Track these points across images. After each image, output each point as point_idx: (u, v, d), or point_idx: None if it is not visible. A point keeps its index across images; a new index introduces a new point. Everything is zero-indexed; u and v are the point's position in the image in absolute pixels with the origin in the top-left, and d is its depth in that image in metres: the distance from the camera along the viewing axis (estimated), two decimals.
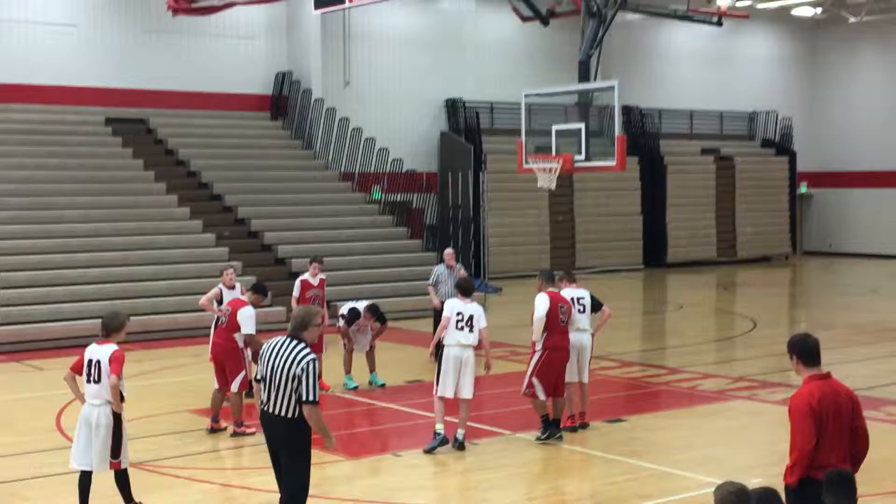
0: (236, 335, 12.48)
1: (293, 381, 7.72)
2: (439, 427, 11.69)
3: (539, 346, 12.00)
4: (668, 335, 22.45)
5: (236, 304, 12.65)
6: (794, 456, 6.64)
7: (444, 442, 11.66)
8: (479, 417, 12.93)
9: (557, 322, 11.98)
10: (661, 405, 14.87)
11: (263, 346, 8.09)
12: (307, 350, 7.84)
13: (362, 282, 23.53)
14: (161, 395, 14.70)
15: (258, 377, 7.99)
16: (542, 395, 12.02)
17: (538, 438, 12.14)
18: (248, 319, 12.43)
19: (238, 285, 14.23)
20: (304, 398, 7.71)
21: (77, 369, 9.34)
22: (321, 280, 15.57)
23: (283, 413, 7.82)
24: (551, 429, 12.09)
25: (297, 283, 15.55)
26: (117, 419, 9.15)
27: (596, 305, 12.78)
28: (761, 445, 12.07)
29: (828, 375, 6.82)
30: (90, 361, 9.17)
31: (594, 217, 34.59)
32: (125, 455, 9.32)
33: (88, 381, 9.17)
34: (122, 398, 9.17)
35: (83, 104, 26.71)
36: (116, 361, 9.06)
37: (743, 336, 20.98)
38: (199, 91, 28.44)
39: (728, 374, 16.61)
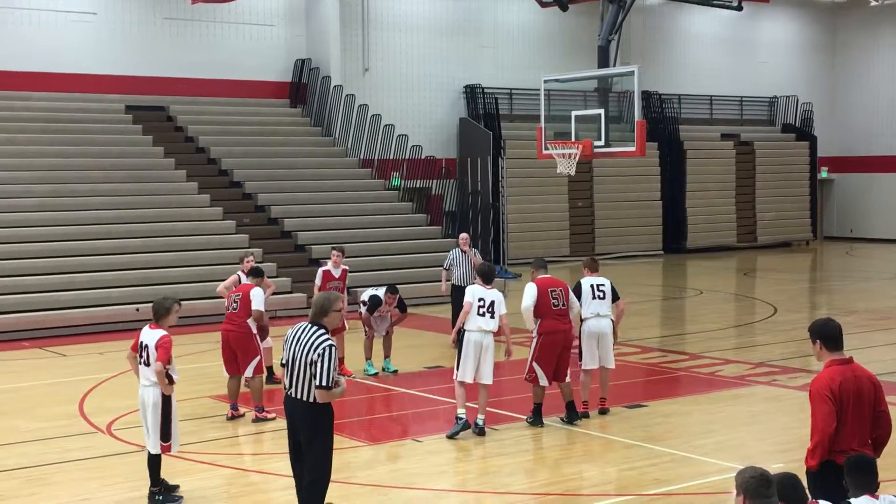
0: (249, 321, 12.58)
1: (311, 365, 7.86)
2: (461, 412, 11.73)
3: (535, 333, 12.11)
4: (687, 321, 22.40)
5: (245, 289, 12.75)
6: (814, 439, 6.64)
7: (466, 426, 11.70)
8: (498, 403, 12.97)
9: (550, 307, 12.04)
10: (682, 390, 14.85)
11: (287, 332, 8.19)
12: (325, 336, 7.97)
13: (382, 268, 23.58)
14: (181, 382, 14.72)
15: (282, 362, 8.13)
16: (543, 381, 12.10)
17: (527, 419, 12.25)
18: (257, 297, 12.59)
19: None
20: (317, 382, 7.84)
21: (136, 348, 9.60)
22: (343, 271, 15.49)
23: (303, 397, 7.96)
24: (539, 417, 12.21)
25: (320, 272, 15.49)
26: (166, 401, 9.38)
27: (614, 296, 12.79)
28: (782, 431, 12.05)
29: (850, 360, 6.81)
30: (141, 344, 9.48)
31: (613, 203, 34.54)
32: (175, 439, 9.54)
33: (140, 362, 9.49)
34: (172, 381, 9.41)
35: (103, 92, 26.83)
36: (162, 348, 9.30)
37: (763, 321, 20.92)
38: (219, 78, 28.50)
39: (748, 359, 16.57)
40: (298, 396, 7.97)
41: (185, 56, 27.98)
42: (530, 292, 12.08)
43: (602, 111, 18.58)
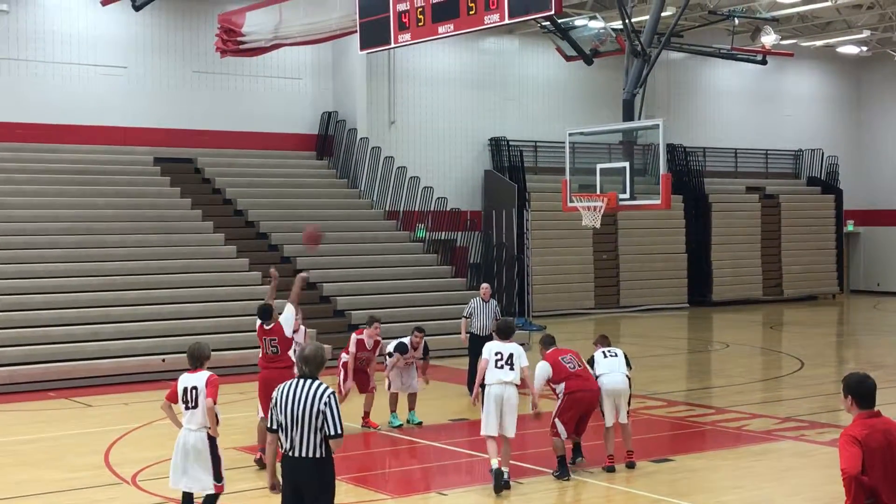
0: (290, 352, 12.46)
1: (318, 417, 7.63)
2: (494, 463, 11.62)
3: (560, 394, 12.12)
4: (713, 374, 22.27)
5: (278, 332, 12.62)
6: (843, 481, 6.52)
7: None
8: (523, 456, 12.90)
9: (568, 370, 12.11)
10: (708, 445, 14.74)
11: (274, 395, 7.90)
12: (325, 385, 7.79)
13: (406, 319, 23.52)
14: None
15: (273, 426, 7.83)
16: (563, 434, 12.07)
17: (553, 474, 12.19)
18: (287, 323, 12.52)
19: (302, 328, 14.18)
20: (330, 432, 7.64)
21: (172, 398, 9.58)
22: (376, 342, 15.07)
23: (310, 454, 7.67)
24: (565, 469, 12.17)
25: (354, 340, 14.97)
26: (213, 442, 9.40)
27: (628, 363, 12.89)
28: (810, 487, 11.93)
29: (878, 413, 6.76)
30: (185, 389, 9.43)
31: (638, 255, 34.50)
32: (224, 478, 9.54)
33: (186, 407, 9.44)
34: (217, 421, 9.41)
35: (132, 144, 27.14)
36: (212, 385, 9.36)
37: (790, 376, 20.76)
38: (247, 131, 28.80)
39: (775, 414, 16.44)
40: (304, 455, 7.66)
41: (213, 109, 28.31)
42: (541, 372, 12.12)
43: (627, 164, 18.56)
